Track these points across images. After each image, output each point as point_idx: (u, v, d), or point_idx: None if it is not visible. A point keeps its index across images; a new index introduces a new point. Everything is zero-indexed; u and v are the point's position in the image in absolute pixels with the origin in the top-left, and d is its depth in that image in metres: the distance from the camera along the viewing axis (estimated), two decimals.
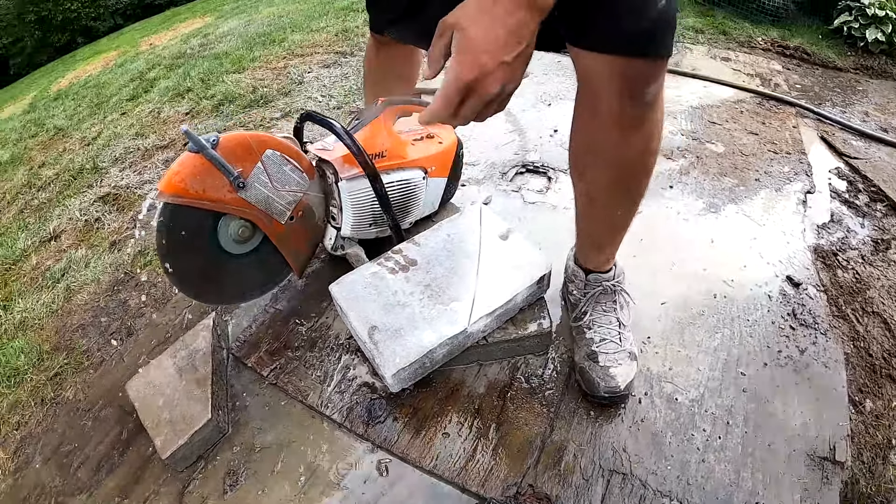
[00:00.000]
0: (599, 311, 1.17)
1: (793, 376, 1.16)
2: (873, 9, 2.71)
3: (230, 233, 1.16)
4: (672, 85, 2.34)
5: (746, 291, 1.34)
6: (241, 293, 1.26)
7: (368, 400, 1.15)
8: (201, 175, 1.05)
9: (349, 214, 1.29)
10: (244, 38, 3.74)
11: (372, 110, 1.30)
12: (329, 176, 1.27)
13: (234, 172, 1.08)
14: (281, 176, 1.17)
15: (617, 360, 1.11)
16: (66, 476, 1.14)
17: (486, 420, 1.10)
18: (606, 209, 1.05)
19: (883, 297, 1.38)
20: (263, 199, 1.15)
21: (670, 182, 1.70)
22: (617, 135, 0.88)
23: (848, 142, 1.98)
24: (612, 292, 1.17)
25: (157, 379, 1.19)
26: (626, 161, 0.93)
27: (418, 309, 1.12)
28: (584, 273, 1.19)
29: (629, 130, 0.87)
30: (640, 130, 0.88)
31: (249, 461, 1.09)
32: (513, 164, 1.82)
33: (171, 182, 1.02)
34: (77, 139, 2.79)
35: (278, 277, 1.32)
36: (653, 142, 0.92)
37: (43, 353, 1.43)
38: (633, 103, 0.83)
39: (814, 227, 1.57)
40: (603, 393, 1.08)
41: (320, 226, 1.33)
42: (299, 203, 1.22)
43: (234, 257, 1.20)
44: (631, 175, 0.97)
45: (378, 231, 1.38)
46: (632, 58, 0.76)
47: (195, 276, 1.15)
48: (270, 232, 1.20)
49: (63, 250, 1.84)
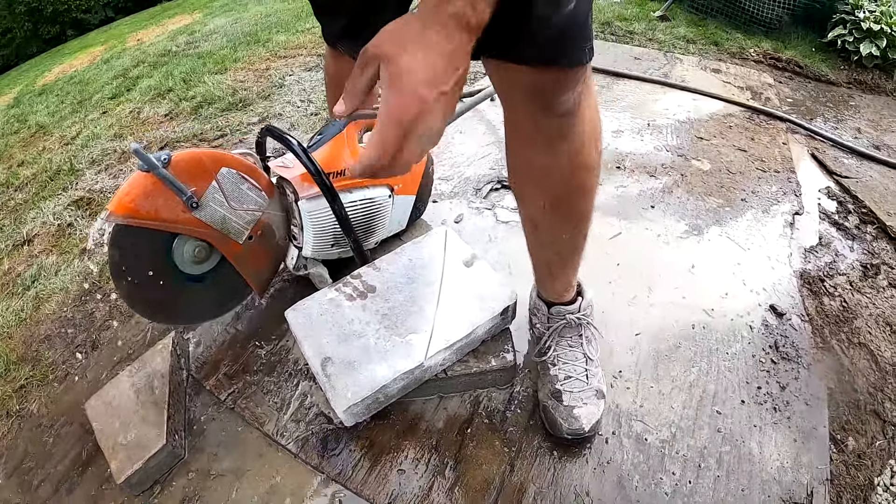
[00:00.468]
0: (564, 345, 1.09)
1: (771, 415, 1.10)
2: (868, 22, 2.66)
3: (186, 253, 1.11)
4: (660, 97, 2.28)
5: (727, 322, 1.28)
6: (200, 314, 1.22)
7: (324, 430, 1.10)
8: (152, 195, 1.00)
9: (310, 235, 1.23)
10: (230, 37, 3.70)
11: (335, 125, 1.24)
12: (289, 194, 1.21)
13: (186, 192, 1.03)
14: (238, 195, 1.11)
15: (582, 398, 1.03)
16: (27, 493, 1.11)
17: (443, 457, 1.04)
18: (550, 233, 0.99)
19: (871, 326, 1.32)
20: (219, 219, 1.09)
21: (652, 202, 1.64)
22: (539, 151, 0.83)
23: (839, 159, 1.92)
24: (577, 325, 1.10)
25: (115, 399, 1.15)
26: (557, 180, 0.87)
27: (374, 340, 1.06)
28: (546, 306, 1.11)
29: (551, 146, 0.82)
30: (563, 145, 0.82)
31: (205, 488, 1.05)
32: (487, 179, 1.75)
33: (122, 203, 0.98)
34: (57, 138, 2.74)
35: (239, 297, 1.27)
36: (581, 156, 0.85)
37: (10, 364, 1.40)
38: (547, 114, 0.77)
39: (801, 250, 1.51)
40: (566, 434, 1.01)
41: (282, 245, 1.27)
42: (258, 222, 1.16)
43: (191, 277, 1.15)
44: (565, 195, 0.90)
45: (340, 252, 1.32)
46: (537, 67, 0.71)
47: (151, 298, 1.11)
48: (228, 252, 1.15)
49: (35, 256, 1.80)
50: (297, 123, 2.30)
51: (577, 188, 0.90)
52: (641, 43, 2.93)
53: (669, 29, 3.11)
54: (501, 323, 1.12)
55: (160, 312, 1.15)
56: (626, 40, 2.97)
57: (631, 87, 2.36)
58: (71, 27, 10.42)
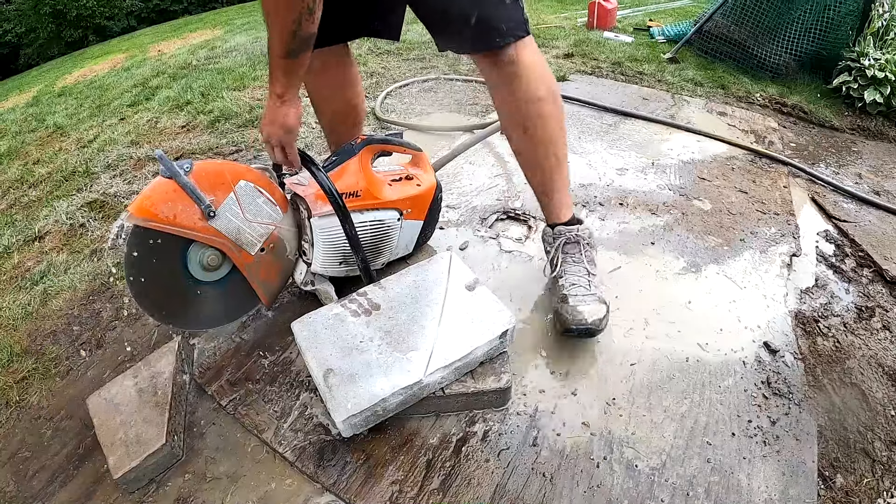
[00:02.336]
0: (569, 260, 1.34)
1: (761, 448, 1.11)
2: (873, 70, 2.73)
3: (199, 260, 1.17)
4: (665, 137, 2.35)
5: (720, 356, 1.30)
6: (207, 320, 1.26)
7: (321, 441, 1.12)
8: (172, 201, 1.06)
9: (319, 252, 1.28)
10: (249, 56, 3.81)
11: (350, 148, 1.30)
12: (302, 211, 1.27)
13: (205, 201, 1.08)
14: (253, 207, 1.18)
15: (585, 301, 1.26)
16: (21, 482, 1.13)
17: (437, 473, 1.07)
18: (531, 156, 1.32)
19: (863, 367, 1.34)
20: (234, 230, 1.15)
21: (652, 238, 1.68)
22: (504, 94, 1.24)
23: (839, 204, 1.97)
24: (576, 242, 1.35)
25: (118, 397, 1.18)
26: (521, 112, 1.25)
27: (375, 355, 1.10)
28: (551, 228, 1.39)
29: (509, 88, 1.22)
30: (515, 83, 1.21)
31: (200, 490, 1.07)
32: (494, 209, 1.81)
33: (142, 206, 1.03)
34: (74, 139, 2.81)
35: (247, 307, 1.32)
36: (531, 91, 1.22)
37: (13, 355, 1.43)
38: (499, 70, 1.21)
39: (797, 291, 1.54)
40: (572, 326, 1.22)
41: (291, 259, 1.32)
42: (271, 235, 1.22)
43: (202, 284, 1.20)
44: (531, 122, 1.26)
45: (348, 270, 1.37)
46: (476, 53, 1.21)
47: (161, 301, 1.16)
48: (239, 262, 1.20)
49: (45, 252, 1.85)
50: (311, 144, 2.38)
51: (536, 115, 1.25)
52: (650, 84, 3.01)
53: (678, 71, 3.20)
54: (500, 346, 1.16)
55: (168, 315, 1.19)
56: (636, 81, 3.05)
57: (638, 127, 2.43)
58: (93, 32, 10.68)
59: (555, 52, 3.55)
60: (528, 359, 1.29)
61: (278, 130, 1.17)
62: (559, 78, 3.01)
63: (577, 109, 2.53)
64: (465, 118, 2.49)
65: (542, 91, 1.23)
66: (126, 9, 11.13)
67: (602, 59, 3.41)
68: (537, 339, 1.34)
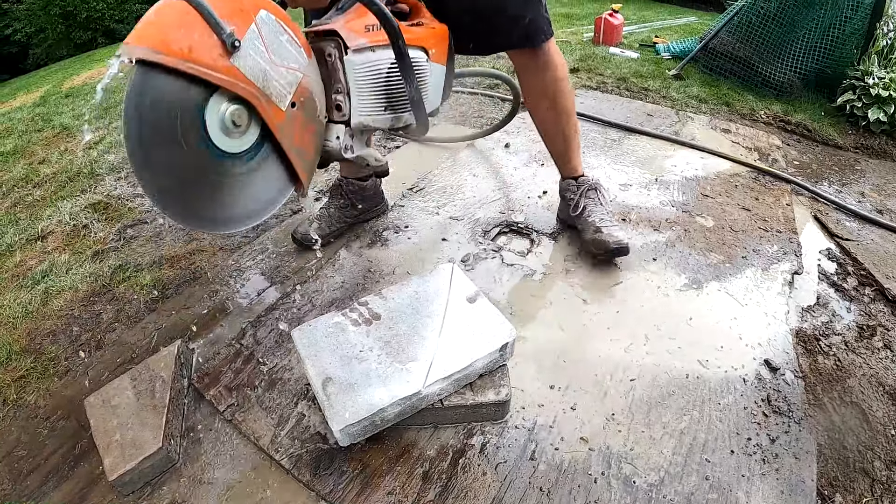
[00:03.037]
0: (592, 202, 1.66)
1: (760, 466, 1.11)
2: (877, 89, 2.74)
3: (222, 118, 0.89)
4: (669, 153, 2.36)
5: (721, 373, 1.30)
6: (230, 212, 0.98)
7: (318, 449, 1.13)
8: (187, 28, 0.79)
9: (359, 97, 1.09)
10: None
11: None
12: (329, 55, 1.07)
13: (226, 29, 0.82)
14: (278, 47, 0.93)
15: (616, 227, 1.60)
16: (16, 481, 1.13)
17: (433, 486, 1.07)
18: (554, 125, 1.63)
19: (864, 386, 1.34)
20: (260, 73, 0.90)
21: (654, 254, 1.69)
22: (538, 77, 1.54)
23: (841, 222, 1.97)
24: (595, 188, 1.68)
25: (115, 399, 1.19)
26: (549, 90, 1.56)
27: (375, 365, 1.10)
28: (574, 180, 1.69)
29: (543, 71, 1.53)
30: (547, 68, 1.52)
31: (194, 495, 1.08)
32: (496, 222, 1.82)
33: (147, 34, 0.77)
34: (79, 141, 2.83)
35: (281, 193, 1.06)
36: (557, 73, 1.54)
37: (12, 353, 1.44)
38: (537, 60, 1.51)
39: (798, 309, 1.54)
40: (612, 246, 1.53)
41: (322, 122, 1.08)
42: (299, 86, 0.98)
43: (225, 158, 0.93)
44: (554, 97, 1.57)
45: (393, 117, 1.18)
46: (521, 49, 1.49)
47: (176, 180, 0.88)
48: (270, 119, 0.93)
49: (47, 252, 1.86)
50: None
51: (560, 92, 1.57)
52: (655, 100, 3.03)
53: (683, 88, 3.22)
54: (500, 359, 1.16)
55: (188, 206, 0.92)
56: (641, 97, 3.07)
57: (642, 143, 2.44)
58: (103, 35, 10.73)
59: None
60: (528, 372, 1.29)
61: None
62: None
63: (581, 124, 2.54)
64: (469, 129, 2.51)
65: (561, 73, 1.55)
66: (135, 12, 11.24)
67: (607, 75, 3.43)
68: (537, 352, 1.34)
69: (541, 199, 1.96)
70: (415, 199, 1.97)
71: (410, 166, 2.20)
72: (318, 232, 1.67)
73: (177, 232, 1.90)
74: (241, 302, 1.55)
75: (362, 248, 1.72)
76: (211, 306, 1.54)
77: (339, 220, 1.73)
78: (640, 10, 6.69)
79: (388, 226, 1.82)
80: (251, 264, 1.70)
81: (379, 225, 1.82)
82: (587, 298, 1.51)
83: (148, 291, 1.62)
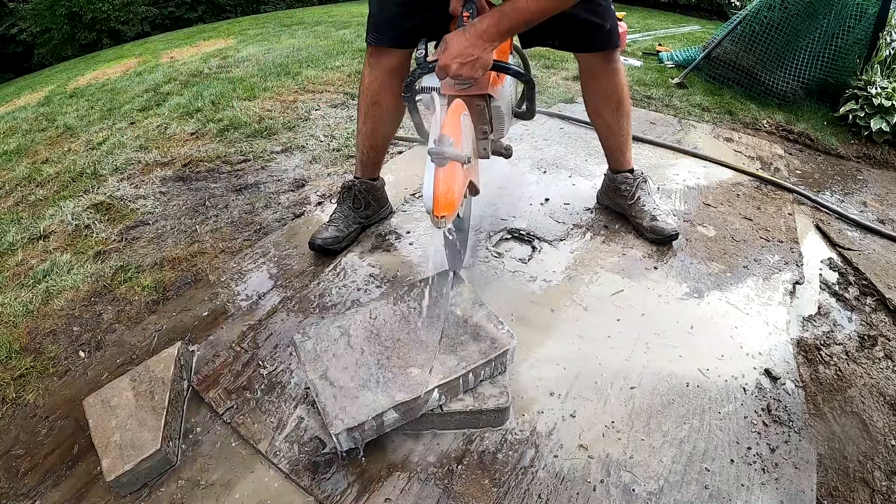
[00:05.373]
0: (644, 193, 1.84)
1: (760, 476, 1.11)
2: (880, 99, 2.75)
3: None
4: (672, 162, 2.36)
5: (721, 382, 1.30)
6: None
7: (317, 454, 1.13)
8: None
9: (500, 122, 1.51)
10: (261, 66, 3.85)
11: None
12: (477, 105, 1.40)
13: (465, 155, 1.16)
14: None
15: (668, 216, 1.82)
16: (13, 479, 1.14)
17: (432, 492, 1.07)
18: (617, 125, 1.77)
19: (864, 396, 1.33)
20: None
21: (656, 263, 1.69)
22: (607, 82, 1.68)
23: (843, 232, 1.97)
24: (646, 181, 1.87)
25: (114, 399, 1.19)
26: (617, 94, 1.70)
27: (375, 370, 1.11)
28: (629, 172, 1.85)
29: (614, 76, 1.67)
30: (616, 74, 1.67)
31: (192, 497, 1.08)
32: (498, 229, 1.83)
33: (446, 203, 1.08)
34: (83, 141, 2.83)
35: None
36: (622, 79, 1.69)
37: (12, 352, 1.44)
38: (608, 64, 1.65)
39: (799, 318, 1.54)
40: (668, 232, 1.72)
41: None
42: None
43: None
44: (619, 101, 1.72)
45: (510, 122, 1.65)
46: (602, 52, 1.61)
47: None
48: None
49: (49, 252, 1.86)
50: (319, 157, 2.41)
51: (626, 95, 1.73)
52: (658, 108, 3.03)
53: (686, 96, 3.22)
54: (500, 365, 1.16)
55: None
56: (644, 104, 3.08)
57: (644, 151, 2.44)
58: (108, 36, 10.77)
59: (564, 74, 3.59)
60: (528, 379, 1.29)
61: (478, 69, 1.25)
62: (568, 100, 3.04)
63: (584, 132, 2.55)
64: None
65: (625, 78, 1.72)
66: (141, 14, 11.27)
67: None
68: (538, 359, 1.34)
69: (543, 206, 1.97)
70: (417, 204, 1.97)
71: (412, 172, 2.21)
72: (336, 233, 1.70)
73: (178, 234, 1.91)
74: (241, 305, 1.55)
75: (364, 252, 1.72)
76: (212, 309, 1.54)
77: (354, 221, 1.75)
78: (644, 19, 6.72)
79: (390, 231, 1.82)
80: (252, 267, 1.70)
81: (381, 230, 1.82)
82: (588, 306, 1.51)
83: (149, 293, 1.62)
